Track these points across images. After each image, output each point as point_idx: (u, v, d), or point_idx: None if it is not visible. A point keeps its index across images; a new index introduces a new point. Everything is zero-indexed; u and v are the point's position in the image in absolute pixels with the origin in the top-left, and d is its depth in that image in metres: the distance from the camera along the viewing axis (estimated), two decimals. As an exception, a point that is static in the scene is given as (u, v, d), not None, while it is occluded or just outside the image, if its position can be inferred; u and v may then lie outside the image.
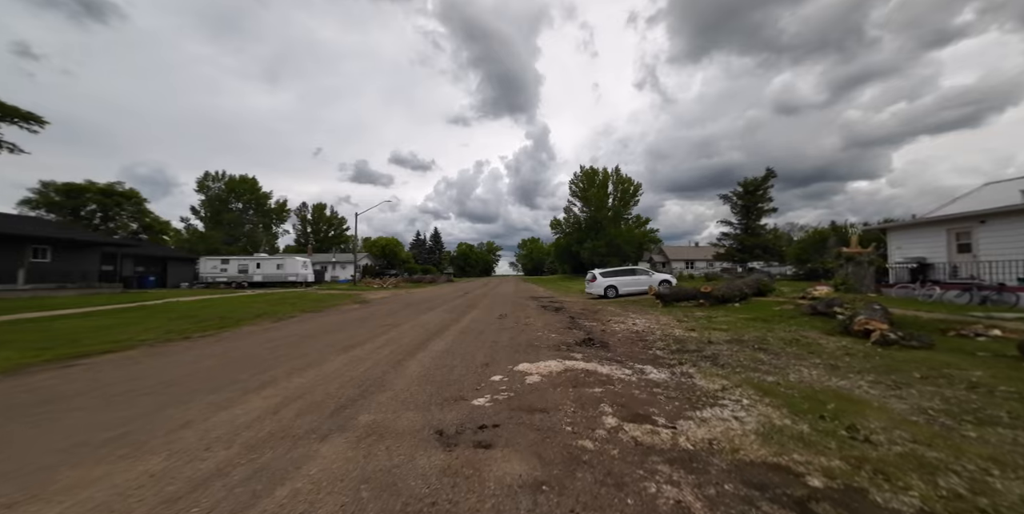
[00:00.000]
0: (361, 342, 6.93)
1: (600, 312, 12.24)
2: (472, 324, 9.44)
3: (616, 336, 7.66)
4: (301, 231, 79.91)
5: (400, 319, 10.63)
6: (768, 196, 36.05)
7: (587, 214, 49.70)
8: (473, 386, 4.18)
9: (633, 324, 9.38)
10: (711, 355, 5.62)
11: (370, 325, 9.40)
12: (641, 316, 10.99)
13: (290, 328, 9.27)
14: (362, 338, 7.40)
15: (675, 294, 13.68)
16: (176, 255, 30.79)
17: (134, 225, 32.85)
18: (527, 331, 8.24)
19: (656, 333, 7.89)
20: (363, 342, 6.94)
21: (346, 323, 10.07)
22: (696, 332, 7.79)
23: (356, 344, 6.73)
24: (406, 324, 9.46)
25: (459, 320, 10.28)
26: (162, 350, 6.64)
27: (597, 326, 9.11)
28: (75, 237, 19.06)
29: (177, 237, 48.75)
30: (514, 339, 7.23)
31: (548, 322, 9.83)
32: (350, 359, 5.53)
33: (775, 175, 36.02)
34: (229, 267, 28.91)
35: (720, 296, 12.89)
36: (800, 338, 6.72)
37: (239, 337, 7.98)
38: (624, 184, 47.90)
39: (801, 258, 29.05)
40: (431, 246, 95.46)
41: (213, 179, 53.76)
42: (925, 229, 12.92)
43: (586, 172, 50.09)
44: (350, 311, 13.47)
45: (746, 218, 37.94)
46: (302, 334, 8.23)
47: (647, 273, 18.97)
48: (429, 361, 5.35)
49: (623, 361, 5.38)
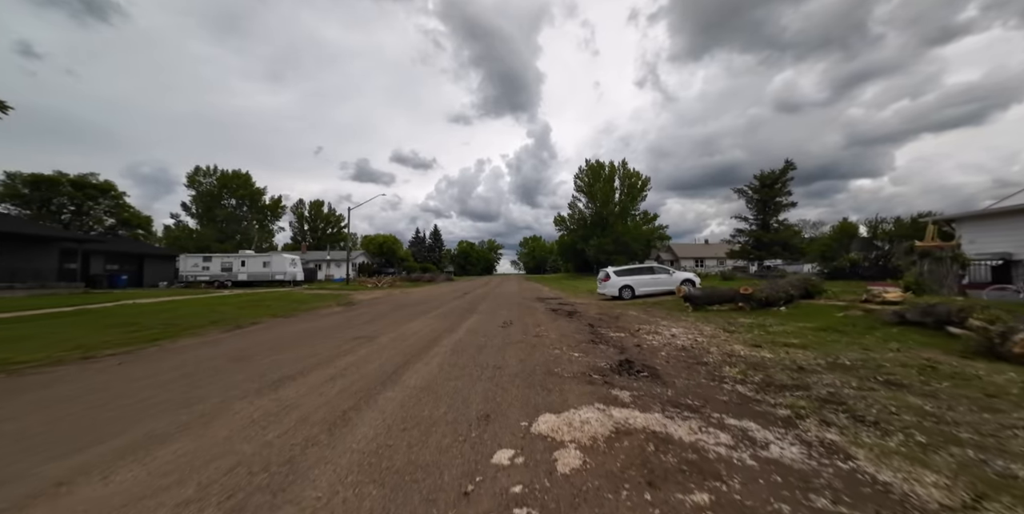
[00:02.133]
0: (307, 369, 4.96)
1: (622, 318, 10.29)
2: (469, 336, 7.50)
3: (660, 355, 5.72)
4: (298, 228, 78.27)
5: (381, 328, 8.69)
6: (787, 189, 34.02)
7: (592, 210, 47.68)
8: (458, 487, 2.22)
9: (671, 335, 7.44)
10: (829, 397, 3.66)
11: (338, 338, 7.46)
12: (674, 323, 9.05)
13: (236, 341, 7.34)
14: (314, 361, 5.44)
15: (707, 296, 11.72)
16: (155, 252, 28.73)
17: (111, 220, 30.85)
18: (540, 347, 6.30)
19: (711, 351, 5.94)
20: (310, 369, 4.97)
21: (310, 335, 8.14)
22: (766, 350, 5.83)
23: (296, 374, 4.74)
24: (385, 336, 7.51)
25: (454, 330, 8.34)
26: (15, 384, 4.72)
27: (627, 339, 7.15)
28: (22, 231, 17.09)
29: (167, 234, 46.98)
30: (525, 362, 5.29)
31: (564, 332, 7.88)
32: (259, 416, 3.32)
33: (794, 167, 34.02)
34: (211, 265, 26.96)
35: (763, 299, 10.92)
36: (931, 364, 4.75)
37: (151, 358, 6.05)
38: (631, 178, 45.80)
39: (826, 255, 26.98)
40: (431, 244, 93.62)
41: (204, 174, 51.86)
42: (1008, 220, 10.88)
43: (591, 166, 48.03)
44: (327, 316, 11.54)
45: (762, 213, 35.93)
46: (238, 353, 6.29)
47: (667, 271, 16.99)
48: (393, 414, 3.38)
49: (700, 408, 3.43)
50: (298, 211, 77.77)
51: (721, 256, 49.56)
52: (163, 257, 28.93)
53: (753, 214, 36.63)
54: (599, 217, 45.74)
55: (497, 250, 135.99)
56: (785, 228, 34.17)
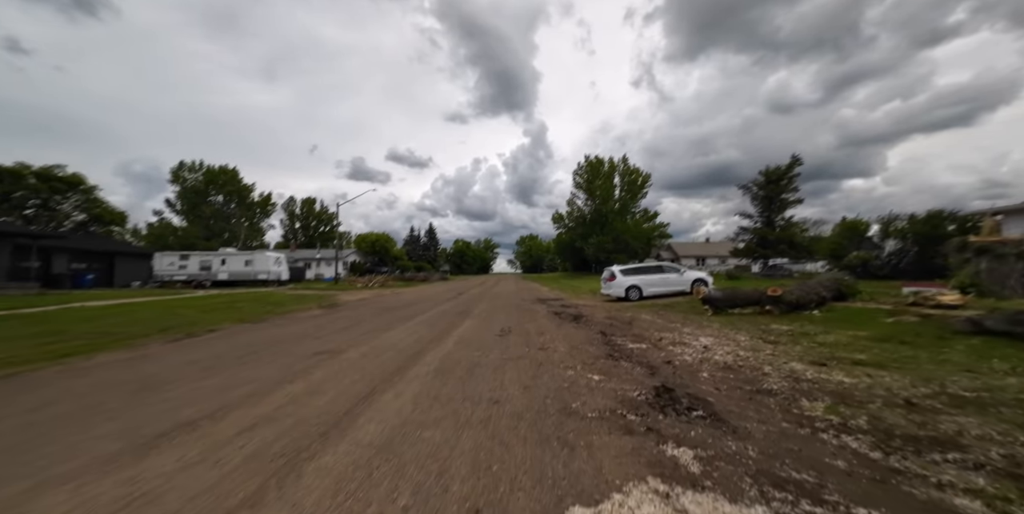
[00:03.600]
0: (225, 409, 3.54)
1: (636, 323, 9.00)
2: (459, 349, 6.16)
3: (701, 377, 4.42)
4: (289, 227, 76.48)
5: (355, 338, 7.34)
6: (794, 186, 32.90)
7: (592, 207, 46.41)
8: None
9: (703, 347, 6.15)
10: (1014, 468, 2.36)
11: (296, 353, 6.10)
12: (699, 331, 7.77)
13: (168, 357, 5.95)
14: (243, 393, 4.07)
15: (729, 298, 10.46)
16: (127, 250, 26.98)
17: (81, 215, 29.01)
18: (548, 366, 4.98)
19: (766, 371, 4.66)
20: (230, 408, 3.57)
21: (267, 347, 6.77)
22: (837, 371, 4.56)
23: (202, 419, 3.31)
24: (356, 350, 6.15)
25: (442, 340, 7.00)
26: None
27: (651, 352, 5.86)
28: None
29: (149, 231, 45.14)
30: (531, 390, 3.97)
31: (574, 343, 6.57)
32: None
33: (801, 163, 32.91)
34: (189, 264, 25.29)
35: (793, 301, 9.68)
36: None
37: (17, 388, 4.66)
38: (632, 175, 44.59)
39: (837, 253, 25.85)
40: (426, 242, 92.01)
41: (189, 169, 49.99)
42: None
43: (591, 162, 46.75)
44: (301, 321, 10.16)
45: (767, 210, 34.81)
46: (151, 378, 4.92)
47: (677, 271, 15.74)
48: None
49: (820, 492, 2.12)
50: (289, 209, 75.96)
51: (723, 254, 48.55)
52: (137, 255, 27.23)
53: (758, 211, 35.51)
54: (599, 214, 44.48)
55: (493, 249, 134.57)
56: (791, 225, 33.07)
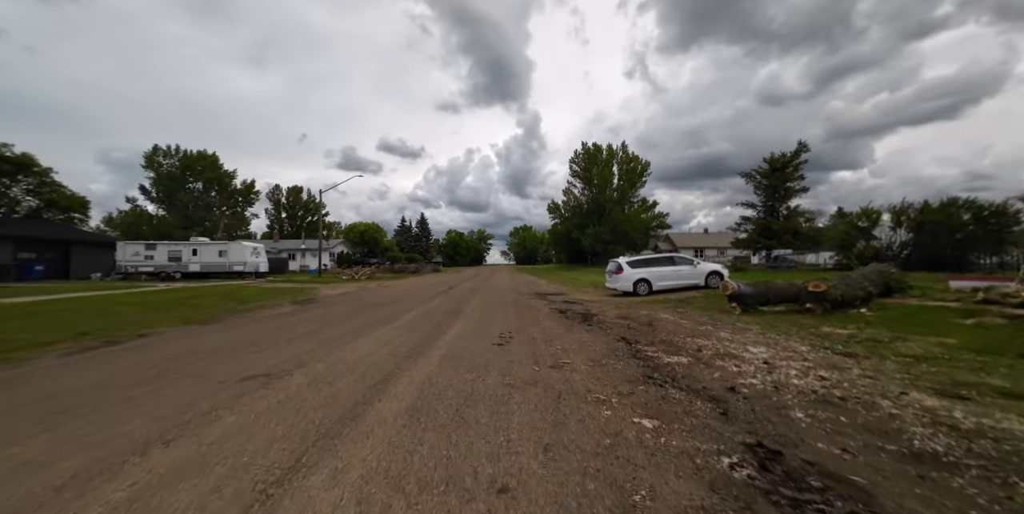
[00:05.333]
0: None
1: (658, 325, 7.57)
2: (444, 371, 4.65)
3: (800, 423, 2.97)
4: (275, 216, 73.81)
5: (308, 351, 5.78)
6: (800, 174, 31.65)
7: (589, 196, 44.80)
8: None
9: (763, 363, 4.72)
10: None
11: (217, 378, 4.53)
12: (738, 335, 6.36)
13: (40, 382, 4.35)
14: (65, 474, 2.52)
15: (761, 294, 9.07)
16: (86, 239, 24.76)
17: (33, 201, 26.45)
18: (570, 398, 3.49)
19: (881, 406, 3.24)
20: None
21: (187, 364, 5.19)
22: (994, 410, 3.14)
23: None
24: (302, 372, 4.60)
25: (423, 354, 5.48)
26: None
27: (700, 371, 4.40)
28: None
29: (122, 220, 42.52)
30: (555, 456, 2.47)
31: (594, 357, 5.09)
32: None
33: (808, 149, 31.65)
34: (156, 254, 23.22)
35: (838, 298, 8.33)
36: None
37: None
38: (631, 163, 42.95)
39: (846, 244, 24.77)
40: (417, 233, 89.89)
41: (164, 155, 47.09)
42: None
43: (588, 150, 44.98)
44: (258, 322, 8.56)
45: (771, 199, 33.62)
46: None
47: (690, 262, 14.34)
48: None
49: None
50: (274, 197, 73.16)
51: (722, 246, 47.51)
52: (98, 245, 25.04)
53: (761, 200, 34.31)
54: (596, 204, 42.90)
55: (487, 240, 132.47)
56: (796, 215, 31.91)
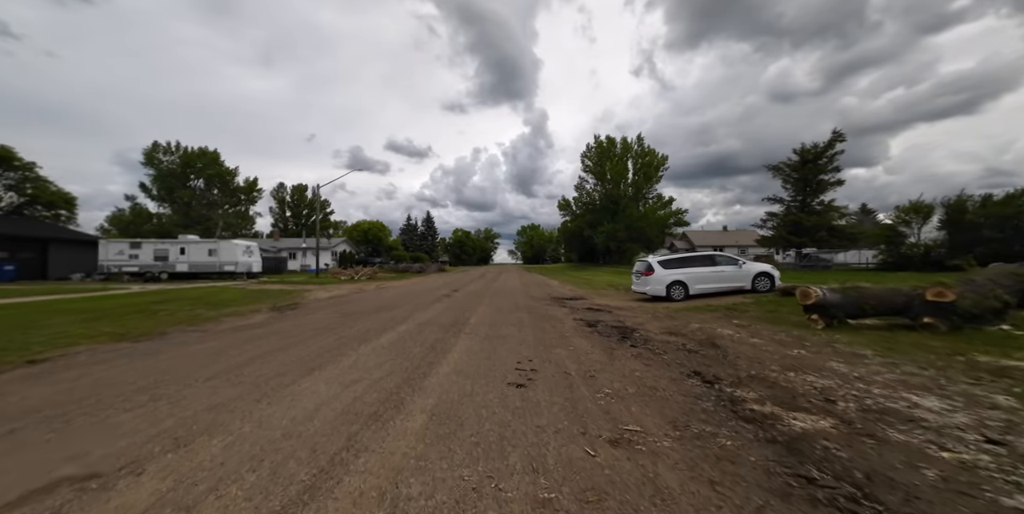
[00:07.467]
0: None
1: (726, 347, 5.53)
2: (427, 462, 2.70)
3: None
4: (279, 214, 72.90)
5: (226, 402, 3.90)
6: (835, 165, 29.16)
7: (602, 192, 42.56)
8: None
9: (977, 434, 2.68)
10: None
11: (26, 473, 2.64)
12: (858, 367, 4.30)
13: None
14: None
15: (854, 303, 6.96)
16: (66, 237, 23.56)
17: (12, 196, 25.10)
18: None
19: None
20: None
21: (20, 428, 3.32)
22: None
23: None
24: (152, 475, 2.70)
25: (399, 411, 3.55)
26: None
27: (871, 451, 2.38)
28: None
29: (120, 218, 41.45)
30: None
31: (668, 413, 3.09)
32: None
33: (843, 139, 29.11)
34: (141, 253, 21.74)
35: (970, 311, 6.22)
36: None
37: None
38: (646, 156, 40.58)
39: (892, 241, 22.37)
40: (423, 232, 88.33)
41: (164, 151, 46.03)
42: None
43: (600, 143, 42.70)
44: (206, 339, 6.72)
45: (802, 193, 31.17)
46: None
47: (734, 262, 12.24)
48: None
49: None
50: (279, 196, 72.24)
51: (743, 244, 45.00)
52: (79, 243, 23.72)
53: (791, 195, 31.87)
54: (609, 200, 40.64)
55: (494, 239, 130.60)
56: (830, 210, 29.40)
